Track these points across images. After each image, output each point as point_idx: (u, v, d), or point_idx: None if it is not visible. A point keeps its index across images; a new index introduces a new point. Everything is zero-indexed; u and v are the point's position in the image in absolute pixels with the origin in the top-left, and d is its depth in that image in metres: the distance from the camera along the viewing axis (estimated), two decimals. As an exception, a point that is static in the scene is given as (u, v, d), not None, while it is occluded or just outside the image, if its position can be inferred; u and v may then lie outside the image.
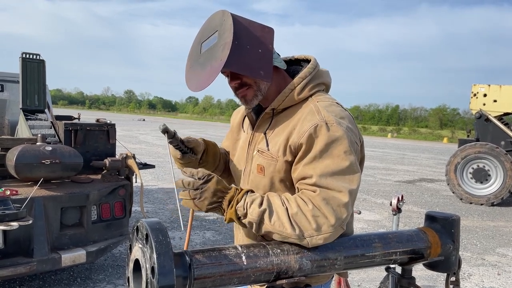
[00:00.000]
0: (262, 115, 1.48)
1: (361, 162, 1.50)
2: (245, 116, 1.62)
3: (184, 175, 1.35)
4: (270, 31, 1.38)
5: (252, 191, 1.36)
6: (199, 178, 1.30)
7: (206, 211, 1.30)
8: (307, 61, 1.53)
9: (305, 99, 1.43)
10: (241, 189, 1.34)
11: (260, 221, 1.28)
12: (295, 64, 1.56)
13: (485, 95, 10.12)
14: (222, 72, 1.37)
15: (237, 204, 1.30)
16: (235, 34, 1.25)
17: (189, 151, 1.59)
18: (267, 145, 1.44)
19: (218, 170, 1.73)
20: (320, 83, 1.47)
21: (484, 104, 10.09)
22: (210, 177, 1.31)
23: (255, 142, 1.51)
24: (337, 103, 1.43)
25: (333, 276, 1.68)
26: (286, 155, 1.37)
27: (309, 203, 1.28)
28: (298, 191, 1.36)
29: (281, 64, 1.45)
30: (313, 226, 1.26)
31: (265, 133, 1.47)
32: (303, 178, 1.33)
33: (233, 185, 1.46)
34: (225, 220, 1.33)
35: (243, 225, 1.33)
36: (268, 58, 1.35)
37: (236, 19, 1.29)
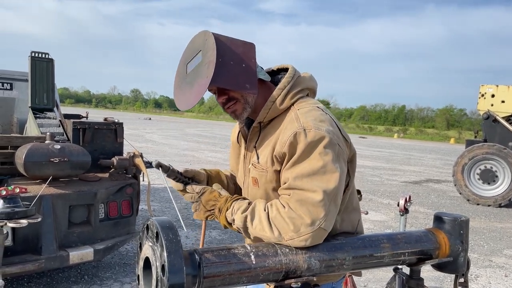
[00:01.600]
0: (251, 129, 1.53)
1: (351, 160, 1.50)
2: (239, 132, 1.69)
3: (189, 190, 1.56)
4: (251, 47, 1.43)
5: (244, 199, 1.46)
6: (197, 193, 1.51)
7: (206, 219, 1.47)
8: (287, 70, 1.56)
9: (288, 108, 1.46)
10: (233, 197, 1.45)
11: (245, 226, 1.37)
12: (277, 74, 1.59)
13: (493, 96, 10.05)
14: (209, 90, 1.44)
15: (226, 211, 1.42)
16: (218, 51, 1.30)
17: (190, 181, 1.65)
18: (258, 157, 1.50)
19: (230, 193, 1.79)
20: (302, 89, 1.50)
21: (492, 105, 10.02)
22: (204, 189, 1.50)
23: (249, 156, 1.57)
24: (317, 107, 1.45)
25: (344, 275, 1.69)
26: (274, 165, 1.43)
27: (286, 206, 1.33)
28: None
29: (265, 76, 1.51)
30: (291, 228, 1.30)
31: (255, 147, 1.53)
32: (284, 183, 1.39)
33: (226, 193, 1.51)
34: (223, 226, 1.45)
35: (237, 230, 1.43)
36: (252, 71, 1.40)
37: (217, 38, 1.34)
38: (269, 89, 1.50)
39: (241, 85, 1.38)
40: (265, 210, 1.35)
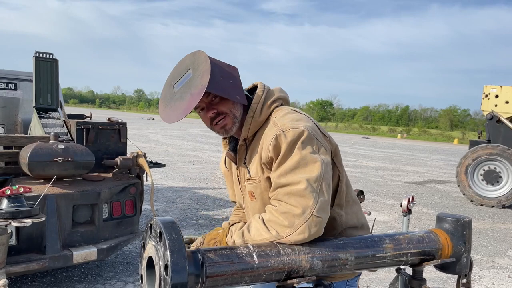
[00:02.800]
0: (238, 148, 1.57)
1: (335, 154, 1.55)
2: (225, 158, 1.73)
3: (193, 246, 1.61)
4: (235, 69, 1.49)
5: (241, 222, 1.60)
6: (200, 243, 1.60)
7: None
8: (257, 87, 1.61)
9: (267, 119, 1.51)
10: (231, 225, 1.58)
11: (245, 241, 1.40)
12: (251, 95, 1.62)
13: (497, 96, 10.02)
14: (195, 108, 1.43)
15: (225, 238, 1.49)
16: (211, 63, 1.34)
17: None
18: (249, 172, 1.53)
19: None
20: (275, 99, 1.55)
21: (496, 105, 9.99)
22: (204, 236, 1.60)
23: (242, 174, 1.60)
24: (292, 110, 1.52)
25: (360, 273, 1.73)
26: (264, 173, 1.47)
27: (277, 204, 1.37)
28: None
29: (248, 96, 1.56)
30: (286, 223, 1.32)
31: (245, 163, 1.56)
32: (272, 180, 1.43)
33: (221, 228, 1.65)
34: None
35: None
36: (239, 86, 1.46)
37: (207, 55, 1.38)
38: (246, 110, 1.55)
39: (232, 94, 1.42)
40: (259, 218, 1.41)
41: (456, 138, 43.40)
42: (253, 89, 1.61)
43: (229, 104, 1.47)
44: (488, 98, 10.12)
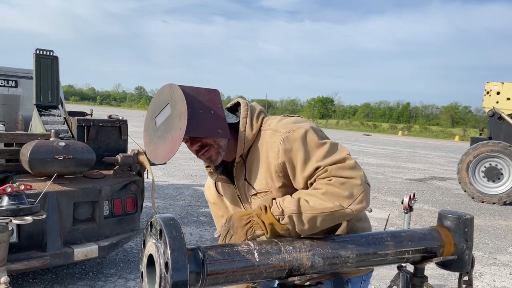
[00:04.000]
0: (235, 166, 1.55)
1: None
2: (215, 183, 1.71)
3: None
4: (215, 93, 1.47)
5: None
6: (224, 223, 1.47)
7: (249, 239, 1.38)
8: (239, 103, 1.60)
9: (259, 131, 1.52)
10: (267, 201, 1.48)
11: (299, 211, 1.34)
12: (236, 111, 1.62)
13: (498, 93, 9.99)
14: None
15: (270, 208, 1.39)
16: (187, 103, 1.31)
17: None
18: (253, 187, 1.52)
19: None
20: (260, 111, 1.57)
21: (497, 102, 9.96)
22: (230, 216, 1.47)
23: (243, 192, 1.58)
24: (283, 116, 1.56)
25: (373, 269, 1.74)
26: (276, 182, 1.46)
27: (331, 179, 1.35)
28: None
29: (233, 119, 1.54)
30: (346, 194, 1.33)
31: (245, 179, 1.55)
32: (310, 177, 1.40)
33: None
34: (267, 233, 1.37)
35: (283, 230, 1.37)
36: (221, 117, 1.44)
37: (183, 90, 1.35)
38: (235, 129, 1.53)
39: (213, 131, 1.41)
40: (311, 191, 1.37)
41: (457, 135, 43.33)
42: (235, 106, 1.61)
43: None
44: (490, 95, 10.09)
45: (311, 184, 1.40)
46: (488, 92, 10.13)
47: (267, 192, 1.49)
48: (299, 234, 1.40)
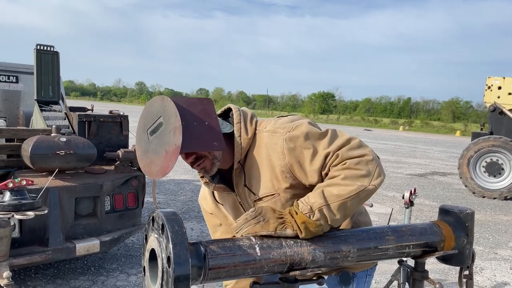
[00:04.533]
0: (234, 173, 1.53)
1: None
2: (212, 192, 1.68)
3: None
4: (208, 102, 1.44)
5: None
6: (253, 211, 1.36)
7: (275, 231, 1.31)
8: (230, 109, 1.58)
9: (254, 135, 1.51)
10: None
11: (327, 203, 1.33)
12: (227, 117, 1.60)
13: (499, 88, 9.96)
14: None
15: (298, 208, 1.36)
16: (180, 116, 1.29)
17: None
18: (254, 193, 1.51)
19: None
20: (252, 115, 1.56)
21: (498, 97, 9.94)
22: (259, 206, 1.38)
23: (245, 198, 1.56)
24: (277, 117, 1.56)
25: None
26: (282, 183, 1.45)
27: (345, 163, 1.36)
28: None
29: (227, 128, 1.51)
30: (363, 172, 1.35)
31: (245, 185, 1.53)
32: (323, 168, 1.40)
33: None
34: (301, 233, 1.32)
35: (316, 226, 1.34)
36: (215, 127, 1.40)
37: (176, 103, 1.32)
38: (229, 137, 1.52)
39: (209, 144, 1.38)
40: (332, 180, 1.37)
41: (458, 130, 43.30)
42: (226, 112, 1.59)
43: None
44: (491, 90, 10.07)
45: (326, 174, 1.40)
46: (489, 87, 10.11)
47: (274, 194, 1.47)
48: (332, 228, 1.41)
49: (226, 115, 1.58)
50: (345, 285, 1.62)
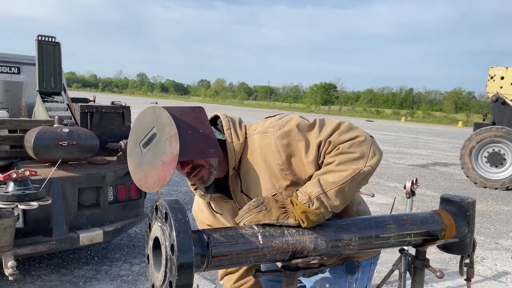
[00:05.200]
0: (230, 179, 1.51)
1: None
2: (209, 203, 1.66)
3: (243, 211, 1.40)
4: (201, 110, 1.43)
5: None
6: (255, 201, 1.38)
7: (277, 220, 1.33)
8: (218, 117, 1.57)
9: (245, 139, 1.49)
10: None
11: (324, 191, 1.33)
12: (215, 124, 1.59)
13: (502, 78, 9.91)
14: None
15: (297, 199, 1.36)
16: (176, 125, 1.27)
17: None
18: (253, 197, 1.48)
19: None
20: (240, 121, 1.56)
21: (501, 87, 9.89)
22: (261, 197, 1.41)
23: (244, 204, 1.53)
24: (264, 118, 1.57)
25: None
26: (283, 181, 1.44)
27: (338, 148, 1.36)
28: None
29: (220, 135, 1.50)
30: (357, 155, 1.35)
31: (242, 191, 1.52)
32: (318, 158, 1.40)
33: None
34: (303, 223, 1.33)
35: (317, 215, 1.34)
36: (210, 135, 1.39)
37: (169, 112, 1.30)
38: (222, 145, 1.50)
39: (206, 152, 1.36)
40: (327, 167, 1.36)
41: (461, 121, 43.16)
42: (213, 119, 1.58)
43: None
44: (494, 80, 10.02)
45: (322, 162, 1.40)
46: (492, 77, 10.06)
47: (276, 194, 1.46)
48: (335, 215, 1.43)
49: (214, 123, 1.56)
50: (350, 274, 1.63)
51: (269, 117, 1.56)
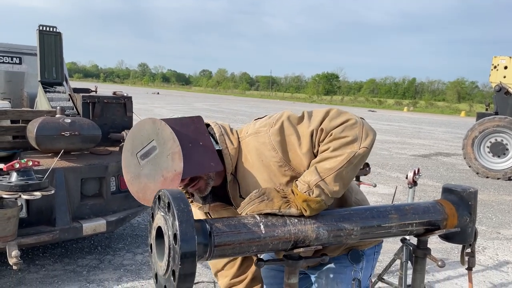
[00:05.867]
0: (228, 184, 1.51)
1: None
2: (207, 214, 1.64)
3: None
4: (199, 120, 1.44)
5: None
6: (256, 192, 1.38)
7: (279, 209, 1.33)
8: (208, 124, 1.56)
9: (239, 144, 1.49)
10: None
11: (322, 178, 1.33)
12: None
13: (505, 68, 9.85)
14: None
15: (297, 188, 1.36)
16: (178, 139, 1.27)
17: None
18: None
19: None
20: (230, 127, 1.55)
21: (504, 77, 9.83)
22: (263, 188, 1.40)
23: None
24: (254, 120, 1.57)
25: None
26: (282, 178, 1.44)
27: (330, 134, 1.36)
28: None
29: (217, 146, 1.48)
30: (350, 138, 1.34)
31: (241, 196, 1.50)
32: (313, 148, 1.40)
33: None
34: (306, 211, 1.33)
35: (318, 203, 1.34)
36: (210, 147, 1.40)
37: (170, 125, 1.30)
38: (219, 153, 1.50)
39: (207, 166, 1.37)
40: (323, 155, 1.36)
41: (463, 111, 43.02)
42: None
43: None
44: (497, 70, 9.96)
45: (318, 151, 1.40)
46: (495, 67, 9.99)
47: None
48: (338, 202, 1.46)
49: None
50: (356, 263, 1.65)
51: (258, 118, 1.56)
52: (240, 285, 1.70)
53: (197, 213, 1.65)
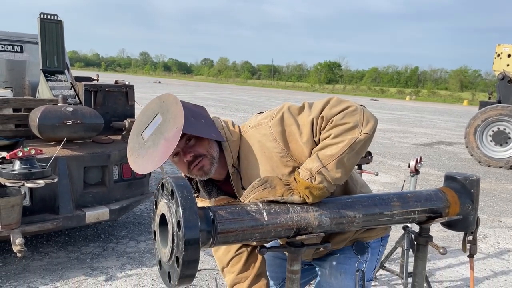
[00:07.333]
0: (231, 176, 1.51)
1: None
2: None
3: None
4: (203, 108, 1.47)
5: None
6: (259, 180, 1.37)
7: (282, 196, 1.33)
8: None
9: (240, 136, 1.50)
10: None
11: (324, 165, 1.33)
12: None
13: (509, 56, 9.79)
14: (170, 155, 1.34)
15: (299, 176, 1.36)
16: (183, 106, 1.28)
17: None
18: None
19: None
20: (232, 122, 1.56)
21: (508, 65, 9.78)
22: (265, 176, 1.39)
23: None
24: (256, 114, 1.59)
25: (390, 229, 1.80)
26: (284, 168, 1.44)
27: (331, 121, 1.36)
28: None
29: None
30: (351, 124, 1.34)
31: (243, 188, 1.50)
32: (314, 136, 1.40)
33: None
34: (308, 198, 1.33)
35: (320, 190, 1.34)
36: (212, 125, 1.44)
37: (176, 97, 1.32)
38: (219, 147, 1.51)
39: (207, 133, 1.39)
40: (325, 142, 1.36)
41: (466, 99, 42.85)
42: None
43: (205, 145, 1.42)
44: (500, 58, 9.90)
45: (319, 140, 1.40)
46: (499, 55, 9.93)
47: None
48: (341, 189, 1.48)
49: None
50: (360, 255, 1.66)
51: (260, 113, 1.58)
52: (246, 281, 1.70)
53: None
